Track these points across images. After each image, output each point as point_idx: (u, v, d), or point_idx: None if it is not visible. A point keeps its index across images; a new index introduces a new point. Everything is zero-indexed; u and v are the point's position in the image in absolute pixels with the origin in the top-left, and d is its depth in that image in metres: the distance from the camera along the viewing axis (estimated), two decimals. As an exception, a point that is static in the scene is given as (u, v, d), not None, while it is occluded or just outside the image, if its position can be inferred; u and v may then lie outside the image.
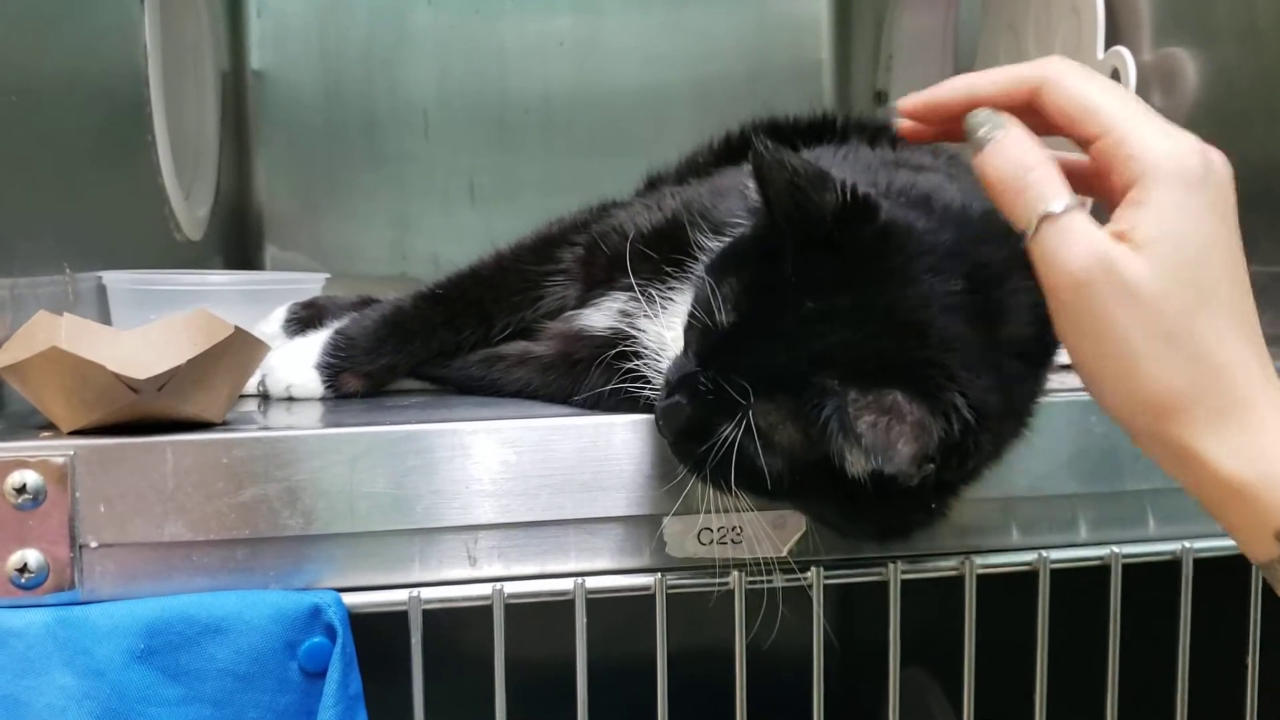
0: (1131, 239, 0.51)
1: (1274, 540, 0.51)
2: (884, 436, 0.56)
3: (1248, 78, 0.96)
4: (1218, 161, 0.53)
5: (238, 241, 1.63)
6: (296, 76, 1.70)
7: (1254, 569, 0.76)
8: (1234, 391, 0.50)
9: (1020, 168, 0.53)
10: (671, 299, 0.73)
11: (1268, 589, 0.75)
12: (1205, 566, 0.76)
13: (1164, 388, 0.51)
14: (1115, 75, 1.06)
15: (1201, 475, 0.51)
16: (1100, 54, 1.08)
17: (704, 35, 1.77)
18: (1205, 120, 1.00)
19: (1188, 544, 0.75)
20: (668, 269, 0.74)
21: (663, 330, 0.72)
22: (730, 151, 0.98)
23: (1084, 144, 0.54)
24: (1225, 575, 0.76)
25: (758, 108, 1.09)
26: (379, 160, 1.72)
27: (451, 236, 1.72)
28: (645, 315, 0.74)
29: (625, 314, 0.76)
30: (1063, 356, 0.75)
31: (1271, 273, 0.80)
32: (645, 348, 0.73)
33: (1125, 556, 0.75)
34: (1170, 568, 0.76)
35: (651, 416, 0.69)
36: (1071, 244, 0.51)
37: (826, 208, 0.60)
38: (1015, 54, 1.29)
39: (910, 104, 0.59)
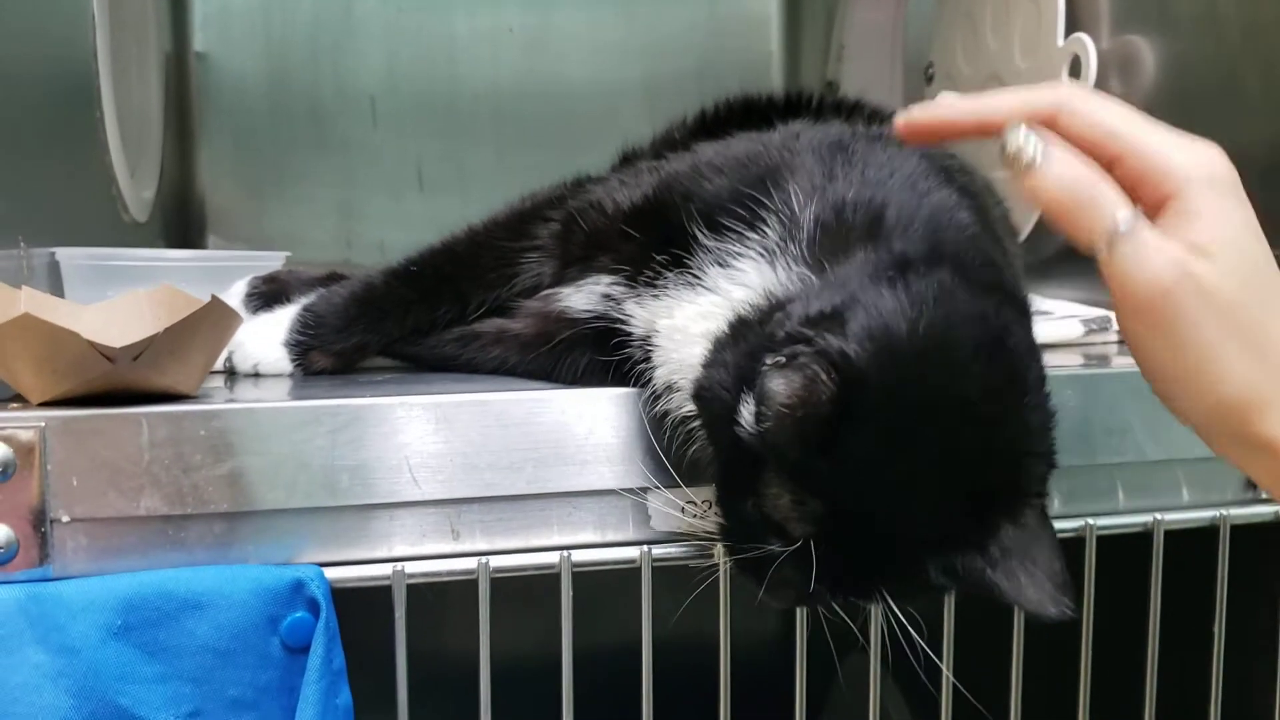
0: (1197, 246, 0.52)
1: None
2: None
3: (1208, 65, 0.98)
4: (1230, 164, 0.55)
5: (182, 226, 1.60)
6: (240, 60, 1.66)
7: (1221, 538, 0.78)
8: None
9: (1082, 187, 0.53)
10: (666, 289, 0.71)
11: (1234, 558, 0.78)
12: (1174, 538, 0.78)
13: (1244, 386, 0.53)
14: (1076, 62, 1.08)
15: None
16: (1060, 41, 1.10)
17: (655, 26, 1.77)
18: (1165, 108, 1.02)
19: (1159, 516, 0.77)
20: (656, 255, 0.72)
21: (653, 317, 0.71)
22: (705, 127, 0.98)
23: (1107, 166, 0.55)
24: (1193, 546, 0.78)
25: (707, 99, 1.09)
26: (325, 146, 1.69)
27: (399, 224, 1.70)
28: (633, 300, 0.73)
29: (609, 298, 0.75)
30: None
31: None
32: (632, 333, 0.72)
33: (1099, 529, 0.76)
34: (1141, 539, 0.78)
35: (639, 391, 0.69)
36: (1151, 256, 0.52)
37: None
38: (972, 43, 1.31)
39: (914, 123, 0.60)
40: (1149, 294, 0.53)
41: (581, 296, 0.77)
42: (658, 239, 0.72)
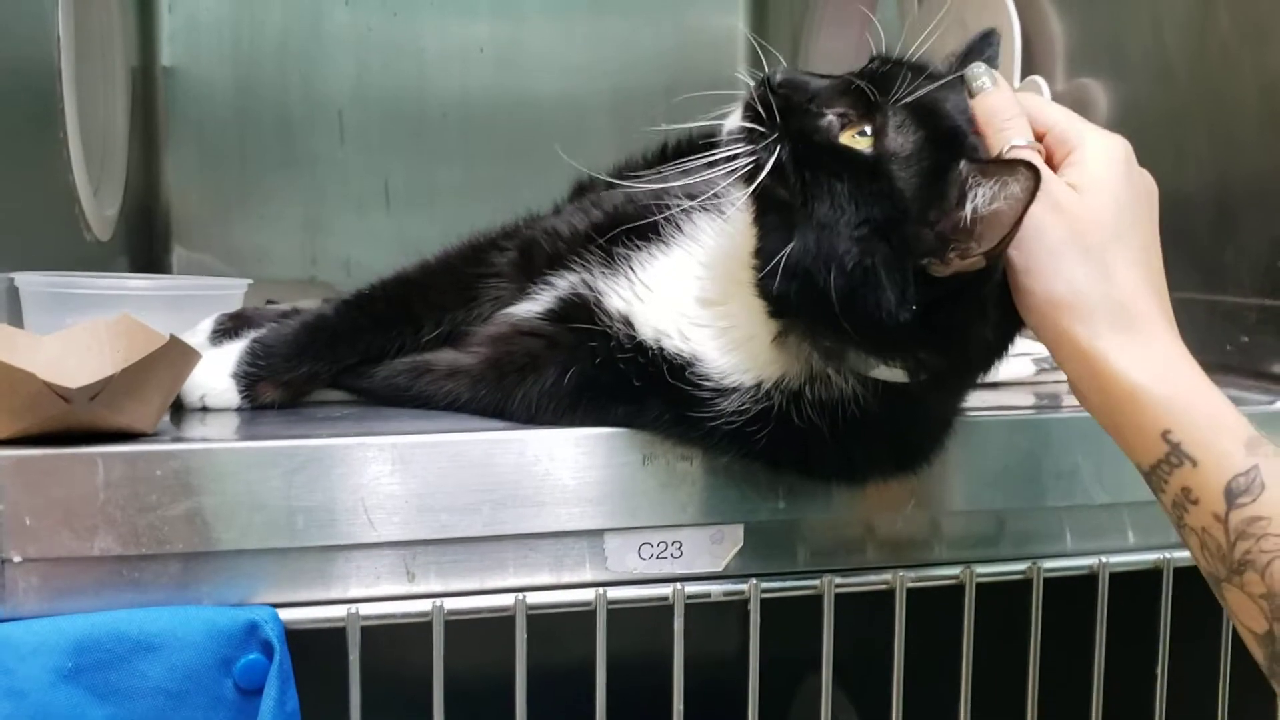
0: (1069, 183, 0.64)
1: (1160, 440, 0.60)
2: None
3: (1158, 114, 1.01)
4: (1139, 167, 0.66)
5: (145, 242, 1.59)
6: (208, 74, 1.66)
7: (1164, 581, 0.80)
8: (1131, 310, 0.62)
9: (1001, 114, 0.66)
10: (636, 257, 0.74)
11: (1178, 601, 0.79)
12: (1119, 581, 0.79)
13: (1076, 289, 0.62)
14: (1032, 102, 1.09)
15: (1103, 378, 0.61)
16: (1016, 83, 1.12)
17: (623, 45, 1.78)
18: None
19: (1104, 559, 0.78)
20: (624, 242, 0.75)
21: (627, 284, 0.73)
22: (664, 161, 0.98)
23: (1039, 136, 0.67)
24: (1137, 589, 0.79)
25: (675, 119, 1.09)
26: (292, 161, 1.69)
27: (365, 240, 1.69)
28: (605, 279, 0.74)
29: (583, 283, 0.76)
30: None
31: (1181, 299, 0.83)
32: (609, 309, 0.73)
33: (1046, 571, 0.77)
34: (1086, 582, 0.79)
35: (597, 431, 0.70)
36: None
37: None
38: (934, 78, 1.32)
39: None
40: None
41: (540, 303, 0.78)
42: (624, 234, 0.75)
